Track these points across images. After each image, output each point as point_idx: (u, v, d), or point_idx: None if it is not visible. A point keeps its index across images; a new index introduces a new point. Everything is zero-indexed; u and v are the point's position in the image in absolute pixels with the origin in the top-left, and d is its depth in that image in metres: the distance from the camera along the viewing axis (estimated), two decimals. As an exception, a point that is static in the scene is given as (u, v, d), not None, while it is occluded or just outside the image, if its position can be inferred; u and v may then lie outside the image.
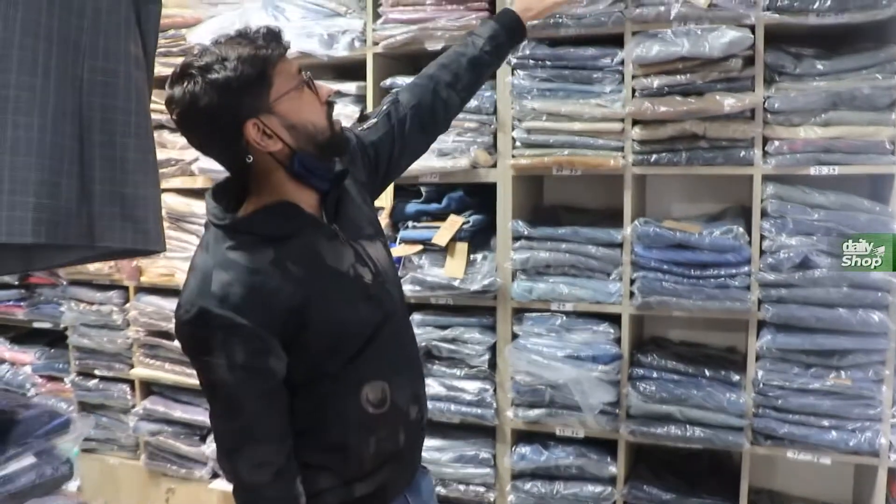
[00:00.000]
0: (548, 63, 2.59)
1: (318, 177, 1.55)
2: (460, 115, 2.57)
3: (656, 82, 2.46)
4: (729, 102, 2.36)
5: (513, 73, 2.64)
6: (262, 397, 1.47)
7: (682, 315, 2.55)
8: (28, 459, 1.84)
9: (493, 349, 2.79)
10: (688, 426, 2.53)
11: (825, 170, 2.36)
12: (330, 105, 1.56)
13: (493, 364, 2.80)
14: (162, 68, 3.19)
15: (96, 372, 3.69)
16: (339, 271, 1.55)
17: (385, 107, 1.88)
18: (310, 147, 1.50)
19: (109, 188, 1.38)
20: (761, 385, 2.45)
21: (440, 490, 2.85)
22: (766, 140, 2.42)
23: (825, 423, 2.41)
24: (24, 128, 1.25)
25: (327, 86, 1.58)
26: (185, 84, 1.42)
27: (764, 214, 2.43)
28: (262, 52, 1.44)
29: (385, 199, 2.84)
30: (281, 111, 1.46)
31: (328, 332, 1.51)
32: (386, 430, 1.60)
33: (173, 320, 1.52)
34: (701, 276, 2.48)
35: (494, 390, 2.79)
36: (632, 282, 2.56)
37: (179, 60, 3.20)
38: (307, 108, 1.50)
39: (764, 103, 2.38)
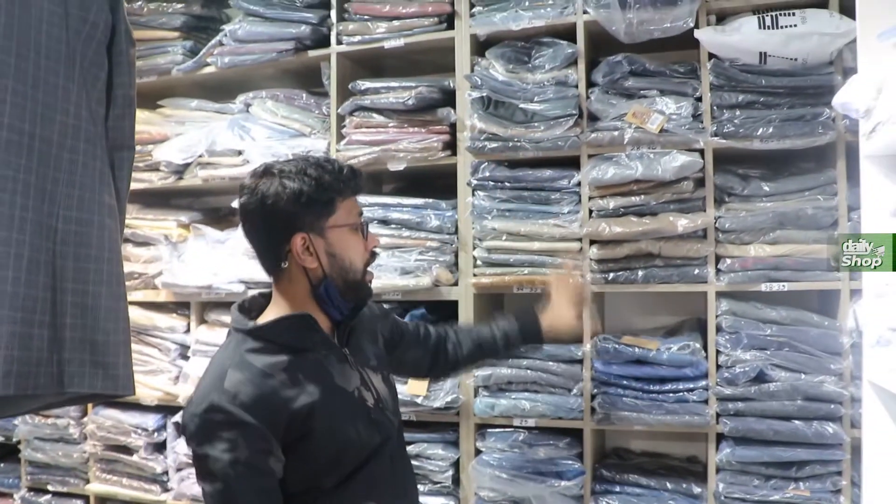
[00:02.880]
0: (507, 184, 2.67)
1: (336, 307, 1.65)
2: (422, 235, 2.65)
3: (612, 203, 2.54)
4: (682, 223, 2.45)
5: (473, 194, 2.71)
6: (259, 495, 1.51)
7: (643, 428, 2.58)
8: None
9: (456, 465, 2.78)
10: (652, 540, 2.53)
11: (776, 286, 2.44)
12: (372, 255, 1.69)
13: (456, 480, 2.78)
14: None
15: (49, 487, 3.57)
16: (346, 390, 1.63)
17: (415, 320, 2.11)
18: (339, 280, 1.62)
19: (80, 335, 1.40)
20: (723, 497, 2.46)
21: None
22: (718, 258, 2.50)
23: (786, 535, 2.43)
24: None
25: (377, 238, 1.72)
26: (262, 180, 1.56)
27: (719, 330, 2.49)
28: (338, 185, 1.59)
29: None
30: (330, 238, 1.60)
31: (328, 445, 1.57)
32: None
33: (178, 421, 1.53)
34: (660, 390, 2.51)
35: (459, 507, 2.78)
36: (592, 397, 2.59)
37: (146, 176, 3.25)
38: (352, 247, 1.63)
39: (715, 223, 2.48)
